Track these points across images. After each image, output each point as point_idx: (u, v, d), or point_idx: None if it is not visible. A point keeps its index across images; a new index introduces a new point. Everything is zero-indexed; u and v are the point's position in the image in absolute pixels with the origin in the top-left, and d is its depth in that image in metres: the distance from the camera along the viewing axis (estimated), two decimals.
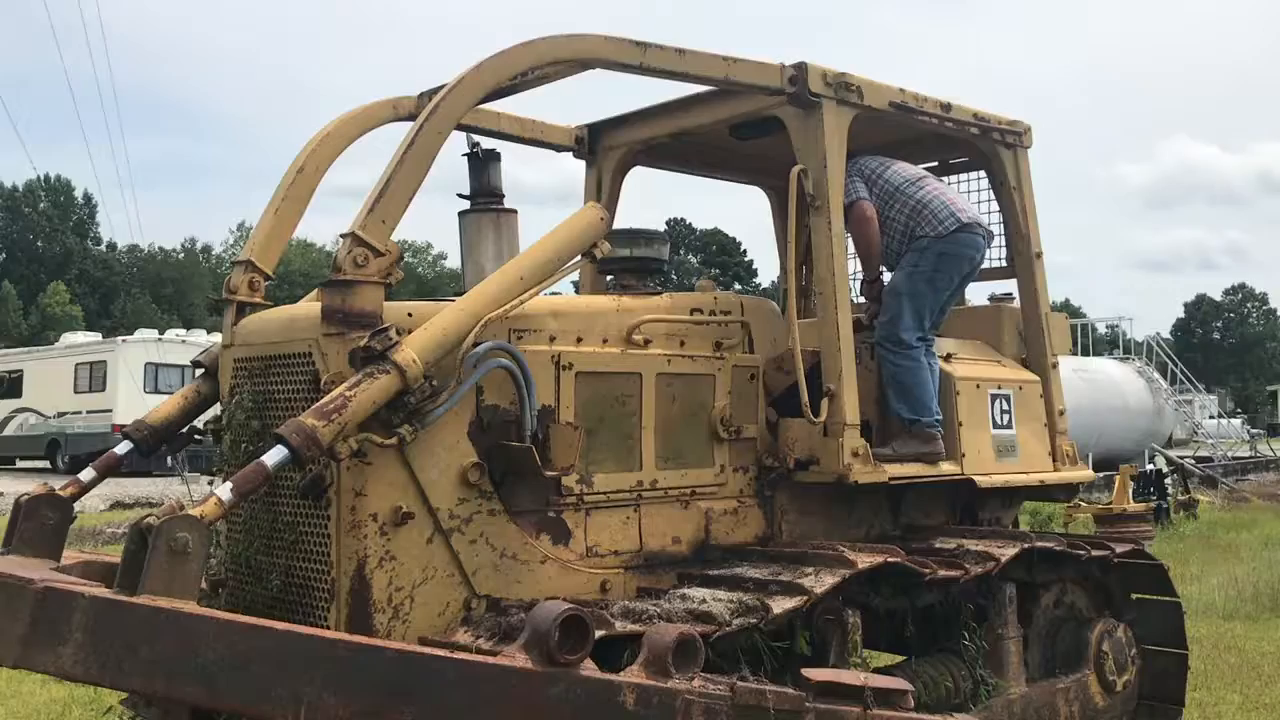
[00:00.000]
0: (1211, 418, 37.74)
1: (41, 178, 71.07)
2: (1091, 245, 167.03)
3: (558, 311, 4.15)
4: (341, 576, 3.55)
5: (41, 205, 73.95)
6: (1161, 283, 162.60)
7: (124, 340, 28.73)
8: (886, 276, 5.14)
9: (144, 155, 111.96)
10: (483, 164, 4.69)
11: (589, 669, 2.94)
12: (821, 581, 3.86)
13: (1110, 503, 13.79)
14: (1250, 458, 27.82)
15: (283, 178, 4.46)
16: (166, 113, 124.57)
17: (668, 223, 79.59)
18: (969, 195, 5.87)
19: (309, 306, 3.95)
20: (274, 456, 3.23)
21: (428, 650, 2.90)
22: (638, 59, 4.19)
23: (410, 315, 3.71)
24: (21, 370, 30.45)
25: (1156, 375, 26.15)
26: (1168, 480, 17.74)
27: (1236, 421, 39.92)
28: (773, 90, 4.59)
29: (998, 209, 5.64)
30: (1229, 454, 27.95)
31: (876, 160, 5.17)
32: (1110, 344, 35.62)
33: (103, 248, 76.50)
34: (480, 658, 2.86)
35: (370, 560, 3.55)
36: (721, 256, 76.45)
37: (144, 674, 2.83)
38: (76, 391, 28.03)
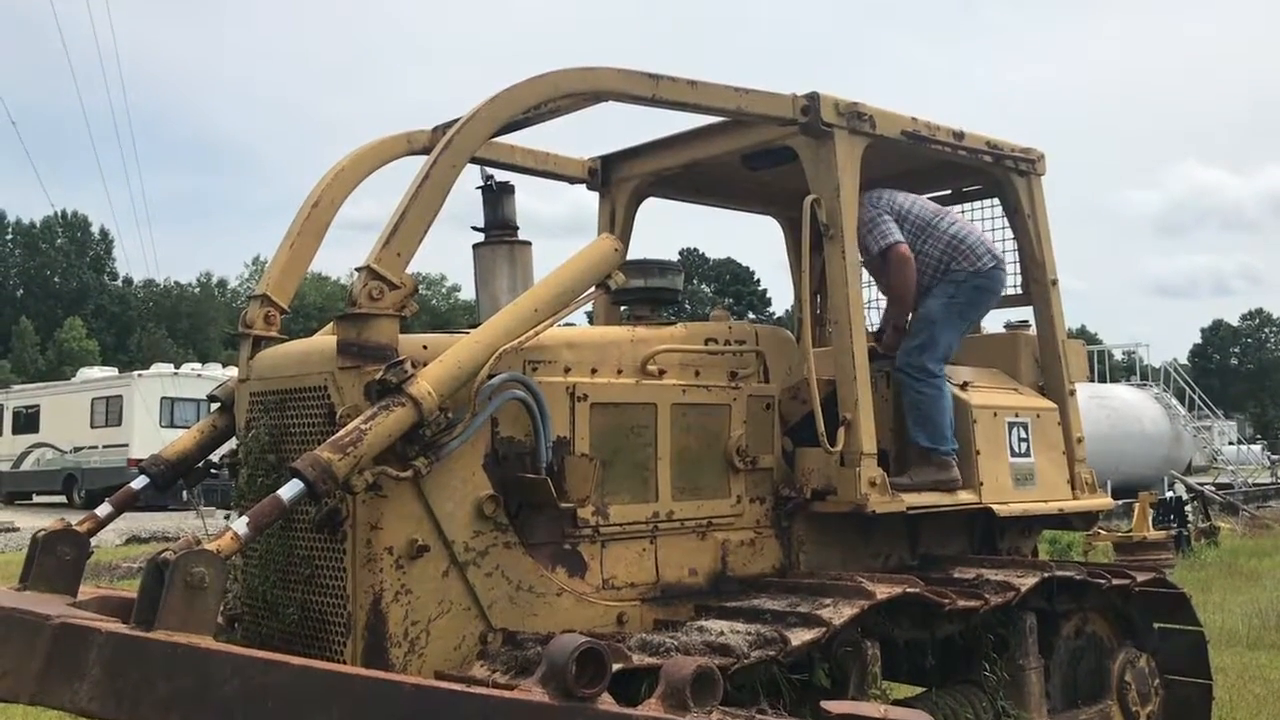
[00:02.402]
0: (1231, 444, 37.43)
1: (59, 214, 71.82)
2: (1105, 272, 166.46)
3: (572, 342, 4.15)
4: (357, 610, 3.54)
5: (59, 241, 74.70)
6: (1177, 308, 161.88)
7: (140, 375, 28.87)
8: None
9: (159, 190, 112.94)
10: (497, 196, 4.71)
11: (607, 703, 2.90)
12: (840, 613, 3.83)
13: (1130, 530, 13.69)
14: (1271, 484, 27.57)
15: (298, 212, 4.49)
16: (181, 147, 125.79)
17: (680, 253, 79.75)
18: (982, 223, 5.86)
19: (324, 340, 3.96)
20: (289, 490, 3.23)
21: (445, 685, 2.87)
22: (650, 91, 4.21)
23: (425, 348, 3.72)
24: (38, 405, 30.60)
25: (1174, 401, 26.02)
26: (1188, 507, 17.59)
27: (1256, 447, 39.58)
28: (785, 120, 4.60)
29: (1011, 236, 5.63)
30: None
31: (900, 195, 5.17)
32: (1127, 370, 35.42)
33: (119, 283, 77.08)
34: (498, 692, 2.83)
35: (386, 594, 3.54)
36: (735, 286, 76.51)
37: (161, 710, 2.82)
38: (93, 426, 28.14)
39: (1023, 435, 5.14)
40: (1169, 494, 19.13)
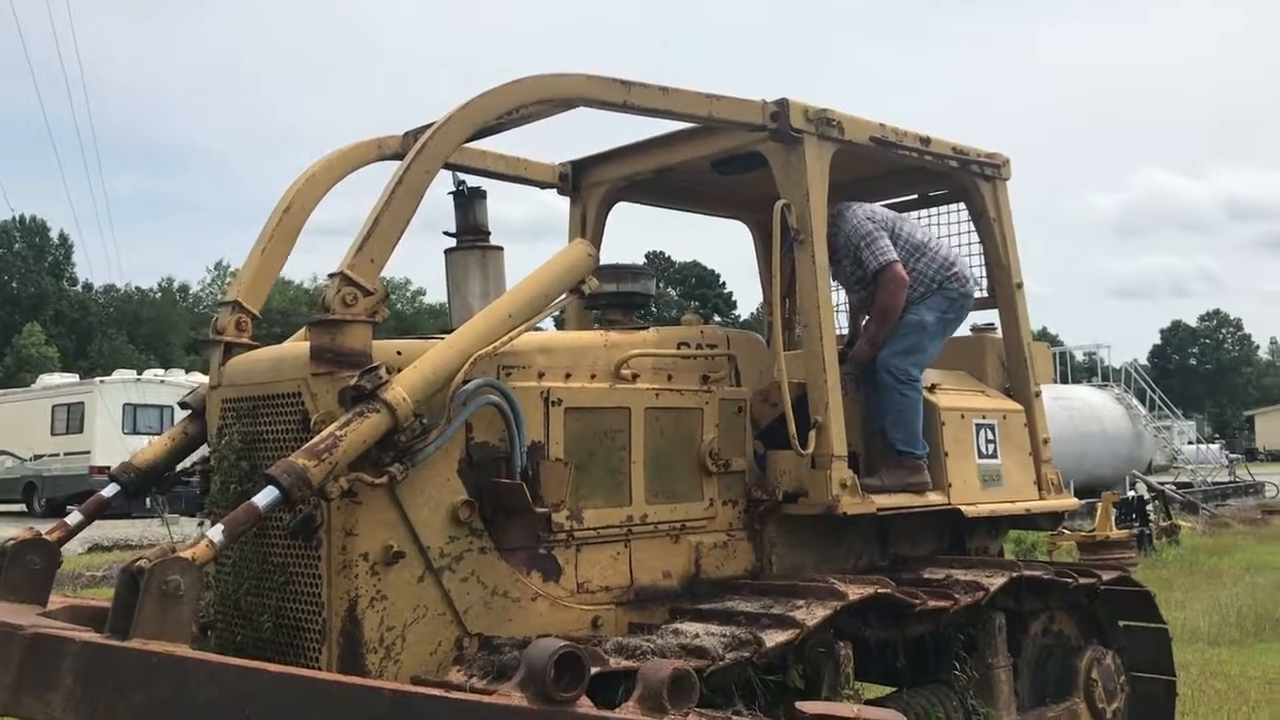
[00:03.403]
0: (1190, 443, 37.97)
1: (16, 218, 70.80)
2: (1065, 274, 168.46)
3: (546, 347, 4.16)
4: (333, 617, 3.53)
5: (16, 246, 73.54)
6: (1136, 310, 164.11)
7: (102, 381, 28.51)
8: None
9: (119, 194, 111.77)
10: (468, 201, 4.72)
11: (585, 706, 2.92)
12: (813, 614, 3.87)
13: (1093, 530, 13.87)
14: (1229, 483, 28.01)
15: (269, 218, 4.47)
16: (139, 151, 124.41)
17: (646, 256, 79.76)
18: (948, 228, 5.93)
19: (297, 346, 3.95)
20: (265, 497, 3.22)
21: (425, 690, 2.88)
22: (622, 97, 4.23)
23: (399, 353, 3.72)
24: None
25: (1135, 402, 26.36)
26: (1149, 507, 17.83)
27: (1215, 447, 40.17)
28: (755, 126, 4.64)
29: (977, 240, 5.70)
30: (1208, 479, 28.12)
31: (891, 214, 5.31)
32: (1088, 372, 35.85)
33: (79, 288, 76.05)
34: (477, 697, 2.85)
35: (361, 600, 3.53)
36: (700, 289, 76.72)
37: (136, 718, 2.80)
38: (53, 434, 27.75)
39: (990, 437, 5.21)
40: (1130, 494, 19.40)
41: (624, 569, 4.21)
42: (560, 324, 5.85)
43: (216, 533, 3.15)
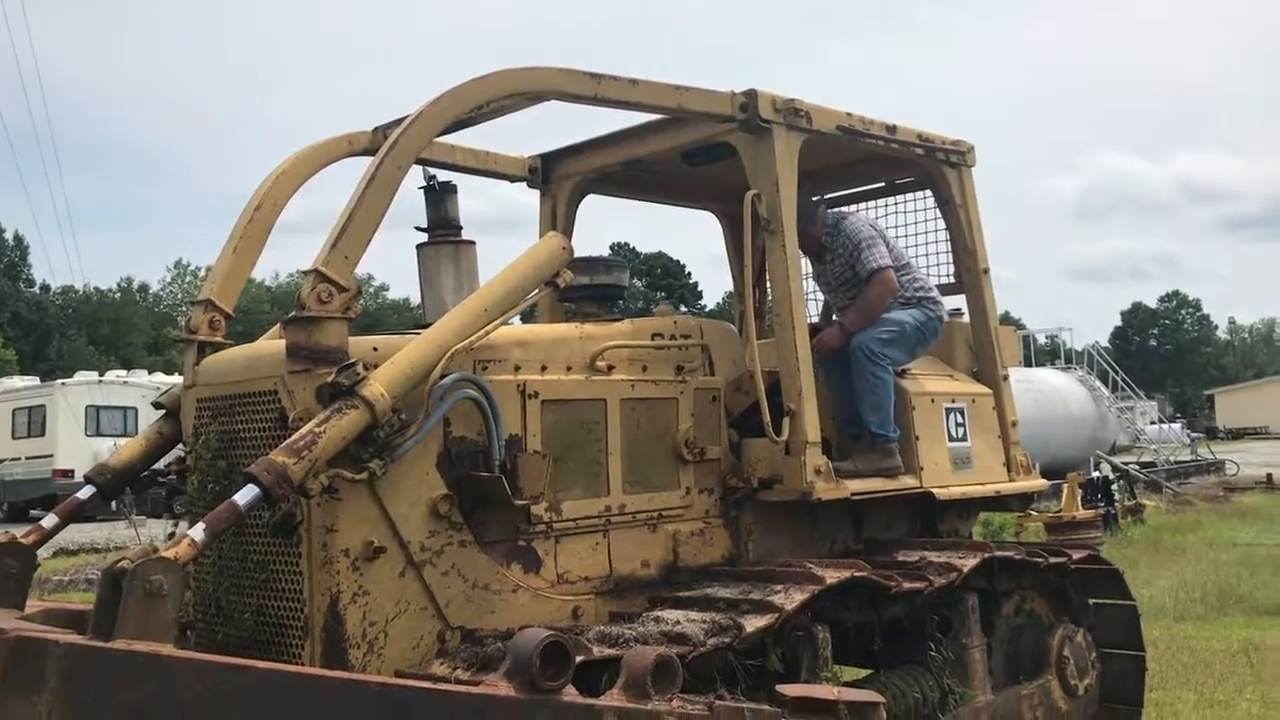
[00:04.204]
0: (1153, 423, 38.49)
1: None
2: (1027, 257, 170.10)
3: (522, 341, 4.18)
4: (315, 613, 3.54)
5: None
6: (1097, 292, 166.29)
7: (63, 384, 28.13)
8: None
9: (76, 195, 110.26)
10: (439, 196, 4.72)
11: (571, 695, 2.95)
12: (791, 598, 3.91)
13: (1060, 511, 14.07)
14: (1191, 461, 28.44)
15: (240, 216, 4.45)
16: (95, 152, 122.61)
17: (611, 247, 79.51)
18: (915, 215, 6.00)
19: (272, 344, 3.94)
20: (245, 495, 3.22)
21: (411, 684, 2.90)
22: (592, 90, 4.25)
23: (376, 349, 3.73)
24: None
25: (1098, 383, 26.69)
26: (1114, 487, 18.09)
27: (1176, 426, 40.75)
28: (724, 117, 4.67)
29: (944, 226, 5.77)
30: (1171, 459, 28.54)
31: (880, 226, 5.50)
32: (1051, 354, 36.22)
33: (35, 290, 74.92)
34: (463, 688, 2.87)
35: (343, 596, 3.54)
36: (666, 279, 76.66)
37: (122, 719, 2.80)
38: (14, 437, 27.35)
39: (959, 420, 5.28)
40: (1095, 474, 19.67)
41: (603, 559, 4.24)
42: (526, 317, 5.86)
43: (198, 531, 3.15)
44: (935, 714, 4.50)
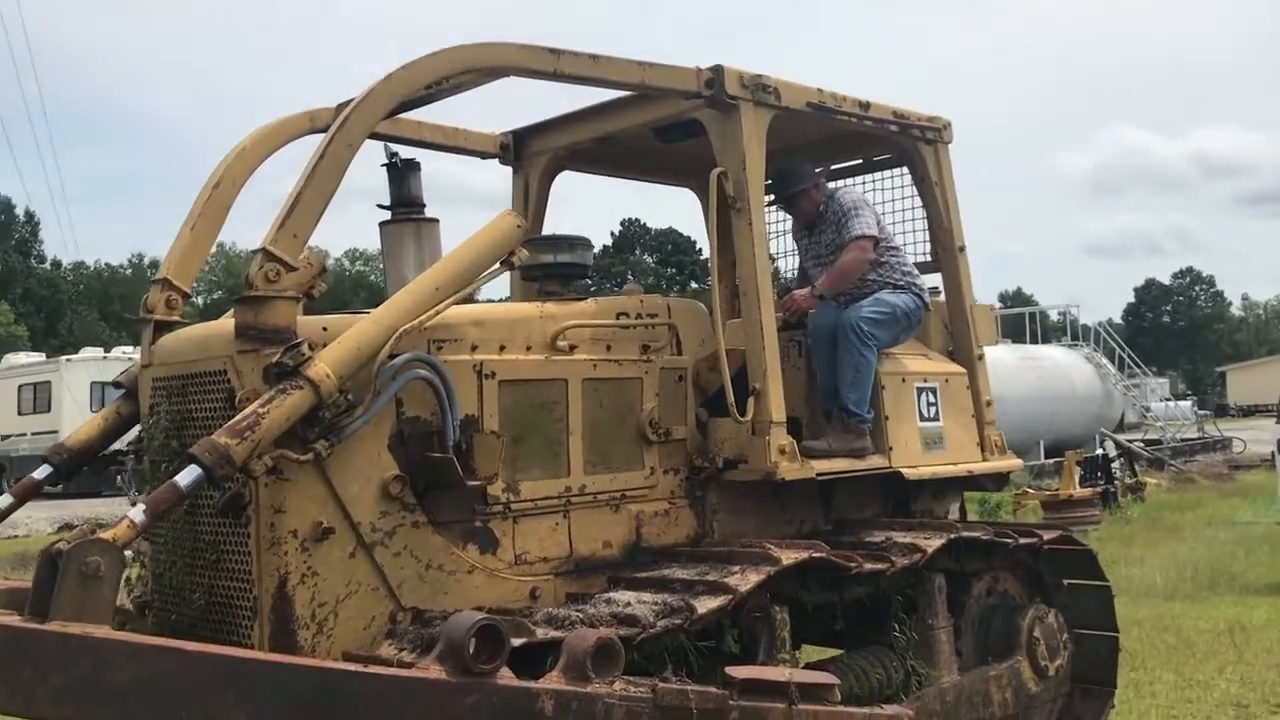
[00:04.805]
0: (1164, 400, 38.34)
1: None
2: (1040, 234, 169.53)
3: (479, 320, 4.15)
4: (263, 594, 3.53)
5: None
6: (1111, 268, 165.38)
7: (68, 360, 28.25)
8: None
9: (86, 171, 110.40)
10: (402, 174, 4.68)
11: (506, 677, 2.94)
12: (747, 580, 3.89)
13: (1058, 489, 14.02)
14: (1197, 439, 28.30)
15: (198, 194, 4.42)
16: (107, 127, 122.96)
17: (621, 223, 79.58)
18: (891, 192, 5.94)
19: (224, 324, 3.92)
20: (187, 476, 3.21)
21: (340, 665, 2.89)
22: (551, 66, 4.20)
23: (325, 329, 3.70)
24: None
25: (1104, 360, 26.54)
26: (1115, 464, 18.02)
27: (1186, 404, 40.54)
28: (690, 94, 4.62)
29: (920, 204, 5.71)
30: (1177, 436, 28.41)
31: (876, 208, 5.52)
32: (1062, 331, 36.05)
33: (47, 266, 75.23)
34: (395, 671, 2.86)
35: (292, 576, 3.53)
36: (677, 256, 76.53)
37: (55, 702, 2.80)
38: (20, 413, 27.52)
39: (931, 400, 5.23)
40: (1098, 452, 19.60)
41: (563, 540, 4.22)
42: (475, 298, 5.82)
43: (137, 513, 3.14)
44: (898, 695, 4.48)
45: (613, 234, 79.36)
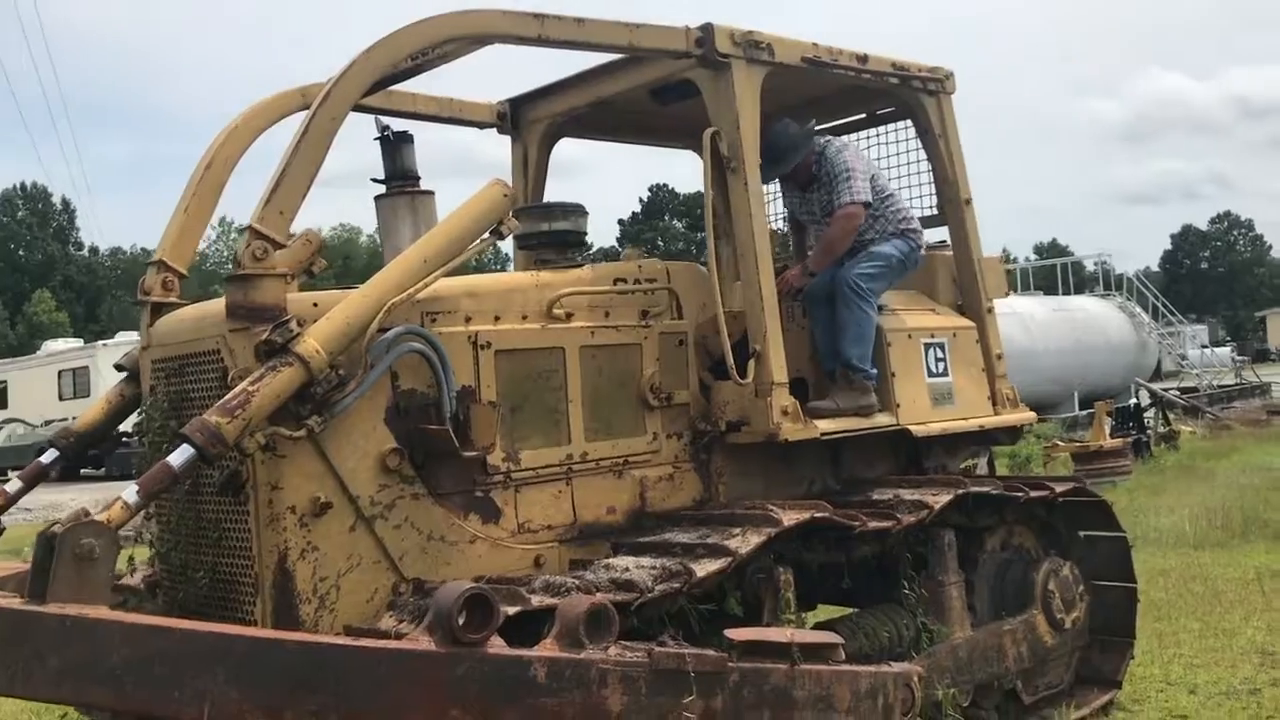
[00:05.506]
0: (1203, 347, 37.78)
1: (18, 186, 70.72)
2: (1075, 185, 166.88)
3: (473, 291, 4.14)
4: (264, 570, 3.56)
5: (20, 214, 73.55)
6: (1148, 216, 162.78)
7: (104, 344, 28.64)
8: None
9: (119, 156, 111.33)
10: (395, 147, 4.66)
11: (497, 647, 2.95)
12: (747, 541, 3.88)
13: (1087, 440, 13.88)
14: (1235, 385, 27.91)
15: (191, 174, 4.43)
16: (140, 113, 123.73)
17: (650, 189, 79.22)
18: (895, 145, 5.85)
19: (217, 304, 3.92)
20: (180, 456, 3.23)
21: (328, 640, 2.91)
22: (536, 31, 4.15)
23: (315, 305, 3.70)
24: (5, 381, 30.36)
25: (1138, 309, 26.18)
26: (1148, 414, 17.80)
27: (1224, 350, 39.94)
28: (680, 54, 4.56)
29: (925, 157, 5.62)
30: (1214, 383, 28.02)
31: (867, 156, 5.49)
32: (1097, 281, 35.58)
33: (85, 252, 76.14)
34: (384, 643, 2.87)
35: (292, 552, 3.56)
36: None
37: (53, 683, 2.85)
38: (61, 399, 27.97)
39: (939, 355, 5.17)
40: (1132, 401, 19.36)
41: (566, 507, 4.23)
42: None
43: (130, 494, 3.17)
44: (909, 652, 4.46)
45: (641, 200, 79.14)
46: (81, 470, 26.88)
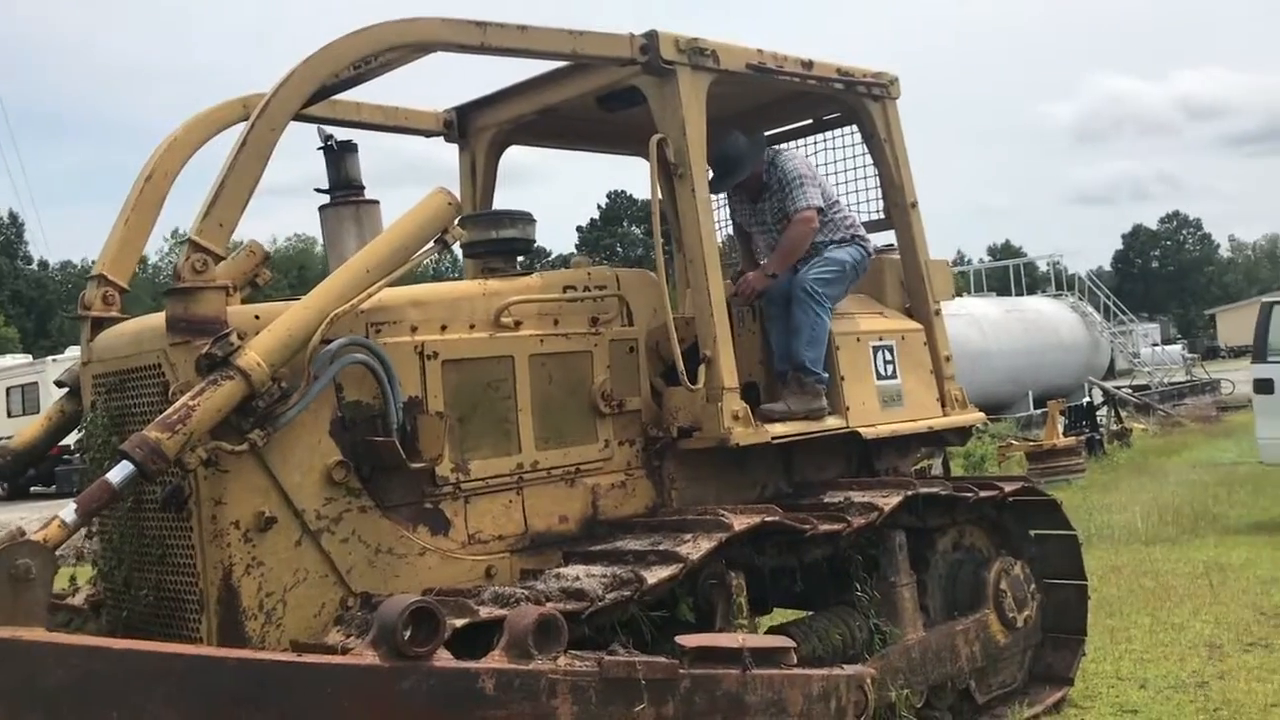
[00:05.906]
0: (1154, 345, 38.35)
1: None
2: (1027, 186, 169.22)
3: (418, 301, 4.11)
4: (209, 586, 3.51)
5: None
6: (1100, 216, 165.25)
7: (54, 360, 28.08)
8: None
9: (67, 168, 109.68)
10: (339, 156, 4.63)
11: (443, 659, 2.93)
12: (698, 547, 3.87)
13: (1041, 439, 14.03)
14: (1185, 382, 28.35)
15: (131, 187, 4.37)
16: (87, 123, 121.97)
17: (609, 195, 79.14)
18: (842, 151, 5.89)
19: (158, 318, 3.86)
20: (119, 473, 3.18)
21: (270, 656, 2.87)
22: (478, 39, 4.13)
23: (258, 317, 3.66)
24: None
25: (1090, 309, 26.52)
26: (1100, 411, 18.02)
27: (1175, 348, 40.58)
28: (625, 61, 4.55)
29: (872, 162, 5.66)
30: (1165, 380, 28.44)
31: (813, 164, 5.51)
32: (1049, 282, 36.02)
33: (34, 267, 74.89)
34: (326, 658, 2.84)
35: (236, 568, 3.51)
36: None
37: None
38: (10, 415, 27.42)
39: (888, 358, 5.21)
40: (1085, 400, 19.60)
41: (518, 517, 4.20)
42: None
43: (69, 512, 3.12)
44: (862, 654, 4.47)
45: (599, 207, 79.08)
46: (31, 488, 26.48)
